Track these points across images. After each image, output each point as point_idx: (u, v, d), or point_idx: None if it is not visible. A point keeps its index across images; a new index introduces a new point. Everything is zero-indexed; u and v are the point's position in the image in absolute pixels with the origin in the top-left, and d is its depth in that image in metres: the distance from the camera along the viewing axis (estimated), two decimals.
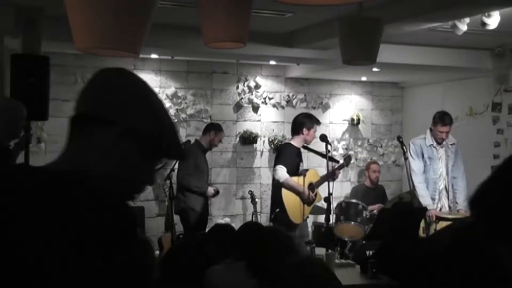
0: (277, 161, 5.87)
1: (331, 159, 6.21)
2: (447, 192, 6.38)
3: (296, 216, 5.79)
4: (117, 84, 1.26)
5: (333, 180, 5.87)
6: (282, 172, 5.73)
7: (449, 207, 6.39)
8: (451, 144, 6.42)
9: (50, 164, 1.22)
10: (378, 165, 8.26)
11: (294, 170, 5.84)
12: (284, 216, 5.73)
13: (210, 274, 3.31)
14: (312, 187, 5.94)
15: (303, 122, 5.98)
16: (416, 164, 6.29)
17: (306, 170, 6.05)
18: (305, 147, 6.08)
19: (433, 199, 6.24)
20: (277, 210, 5.75)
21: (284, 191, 5.77)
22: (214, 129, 6.92)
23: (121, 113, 1.21)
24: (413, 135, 6.75)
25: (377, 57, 4.66)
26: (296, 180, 5.82)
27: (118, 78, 1.28)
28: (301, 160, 6.02)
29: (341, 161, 6.22)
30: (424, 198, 6.15)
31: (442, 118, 6.25)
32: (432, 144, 6.36)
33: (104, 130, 1.21)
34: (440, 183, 6.36)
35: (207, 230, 6.19)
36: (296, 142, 5.98)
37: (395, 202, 6.10)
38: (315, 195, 5.96)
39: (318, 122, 6.13)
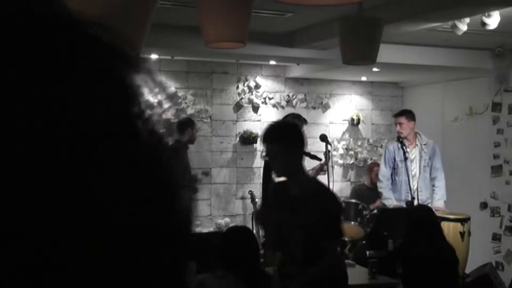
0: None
1: (314, 157, 6.27)
2: (419, 192, 6.47)
3: None
4: None
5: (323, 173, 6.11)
6: None
7: None
8: (424, 144, 6.52)
9: None
10: None
11: None
12: None
13: (202, 283, 3.24)
14: None
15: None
16: (382, 170, 6.65)
17: None
18: None
19: (406, 199, 6.35)
20: None
21: None
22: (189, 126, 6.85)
23: None
24: None
25: (377, 57, 4.67)
26: None
27: None
28: None
29: (323, 159, 6.18)
30: (388, 200, 6.49)
31: (396, 113, 6.70)
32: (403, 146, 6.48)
33: None
34: (413, 184, 6.43)
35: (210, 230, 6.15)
36: None
37: (413, 206, 6.08)
38: None
39: (305, 122, 6.28)
